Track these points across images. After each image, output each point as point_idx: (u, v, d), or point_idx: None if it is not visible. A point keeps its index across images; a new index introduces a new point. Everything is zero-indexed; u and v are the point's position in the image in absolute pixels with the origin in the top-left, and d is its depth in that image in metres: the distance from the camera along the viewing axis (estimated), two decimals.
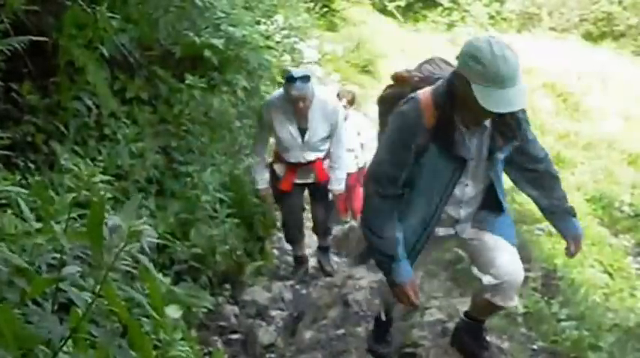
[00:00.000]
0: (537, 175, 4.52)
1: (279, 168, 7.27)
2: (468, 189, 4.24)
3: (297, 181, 7.33)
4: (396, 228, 4.13)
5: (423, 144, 3.92)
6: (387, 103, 4.41)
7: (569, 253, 4.51)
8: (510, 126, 4.11)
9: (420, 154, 3.96)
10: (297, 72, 6.72)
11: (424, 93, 3.97)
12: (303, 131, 7.01)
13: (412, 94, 4.01)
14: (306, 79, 6.70)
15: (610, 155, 22.92)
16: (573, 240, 4.50)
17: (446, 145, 3.94)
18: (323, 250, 8.17)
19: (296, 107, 6.77)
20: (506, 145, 4.12)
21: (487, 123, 4.02)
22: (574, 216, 4.56)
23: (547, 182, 4.58)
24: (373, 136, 10.55)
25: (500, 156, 4.14)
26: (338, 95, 9.99)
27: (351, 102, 10.08)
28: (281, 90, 6.95)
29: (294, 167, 7.21)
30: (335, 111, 7.16)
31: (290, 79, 6.60)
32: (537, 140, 4.49)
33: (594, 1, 34.82)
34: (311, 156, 7.18)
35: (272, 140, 7.54)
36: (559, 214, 4.55)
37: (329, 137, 7.23)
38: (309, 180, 7.41)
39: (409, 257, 4.21)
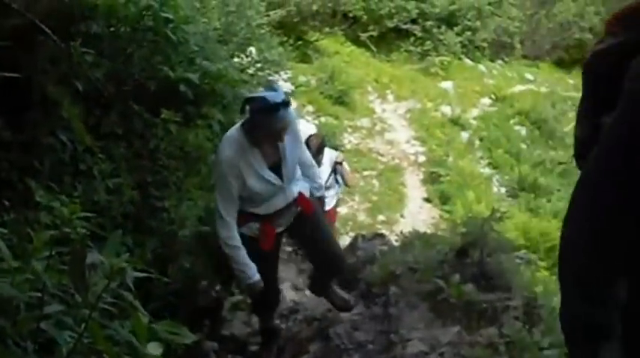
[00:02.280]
0: None
1: (248, 230, 5.73)
2: None
3: (279, 230, 5.91)
4: None
5: None
6: (605, 65, 2.21)
7: None
8: None
9: None
10: (273, 96, 5.17)
11: None
12: (276, 167, 5.55)
13: None
14: (288, 103, 5.26)
15: None
16: None
17: None
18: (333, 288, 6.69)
19: (273, 139, 5.34)
20: None
21: None
22: None
23: None
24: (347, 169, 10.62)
25: None
26: (307, 143, 9.88)
27: (321, 148, 9.82)
28: (233, 131, 5.45)
29: (273, 217, 5.77)
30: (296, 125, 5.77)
31: (271, 108, 5.13)
32: None
33: (566, 28, 35.29)
34: (294, 190, 5.79)
35: None
36: None
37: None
38: (291, 220, 5.95)
39: None
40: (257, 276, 5.61)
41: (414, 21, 28.76)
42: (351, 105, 21.74)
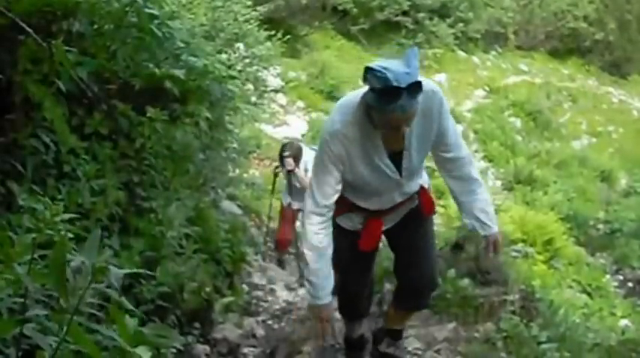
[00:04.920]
0: None
1: (348, 221, 4.83)
2: None
3: (386, 227, 4.93)
4: None
5: None
6: None
7: None
8: None
9: None
10: (398, 75, 3.84)
11: None
12: (397, 158, 4.41)
13: None
14: (417, 87, 3.89)
15: (582, 172, 23.16)
16: None
17: None
18: (397, 335, 5.49)
19: (390, 130, 4.13)
20: None
21: None
22: None
23: None
24: None
25: None
26: (283, 149, 9.91)
27: (297, 158, 9.87)
28: (352, 100, 4.32)
29: (382, 213, 4.80)
30: (438, 97, 4.28)
31: (388, 92, 3.86)
32: None
33: (560, 17, 35.41)
34: (413, 186, 4.78)
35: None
36: None
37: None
38: (402, 216, 4.95)
39: None
40: (327, 299, 4.52)
41: (405, 13, 28.83)
42: None
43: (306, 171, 9.91)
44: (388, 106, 3.90)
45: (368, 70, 3.96)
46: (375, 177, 4.41)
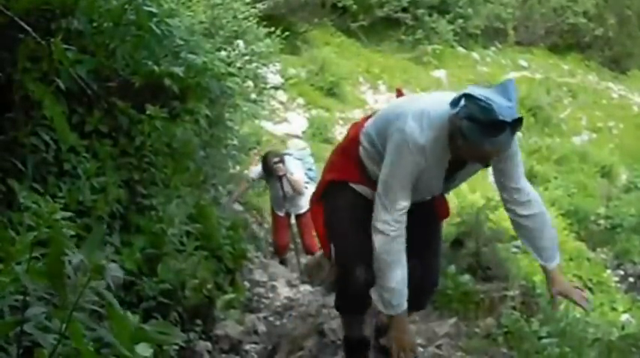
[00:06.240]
0: None
1: (366, 191, 4.55)
2: None
3: None
4: None
5: None
6: None
7: None
8: None
9: None
10: (503, 109, 3.61)
11: None
12: (451, 171, 4.32)
13: None
14: (519, 123, 3.70)
15: (583, 168, 23.15)
16: None
17: None
18: None
19: (475, 160, 4.13)
20: None
21: None
22: None
23: None
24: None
25: None
26: (266, 157, 9.98)
27: (279, 161, 10.08)
28: (439, 117, 4.00)
29: None
30: None
31: (493, 125, 3.63)
32: None
33: (559, 13, 35.35)
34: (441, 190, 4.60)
35: None
36: None
37: None
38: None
39: None
40: (405, 304, 4.39)
41: (404, 9, 28.78)
42: (342, 97, 21.75)
43: (291, 173, 10.03)
44: (487, 140, 3.70)
45: (469, 97, 3.71)
46: (427, 185, 4.29)
